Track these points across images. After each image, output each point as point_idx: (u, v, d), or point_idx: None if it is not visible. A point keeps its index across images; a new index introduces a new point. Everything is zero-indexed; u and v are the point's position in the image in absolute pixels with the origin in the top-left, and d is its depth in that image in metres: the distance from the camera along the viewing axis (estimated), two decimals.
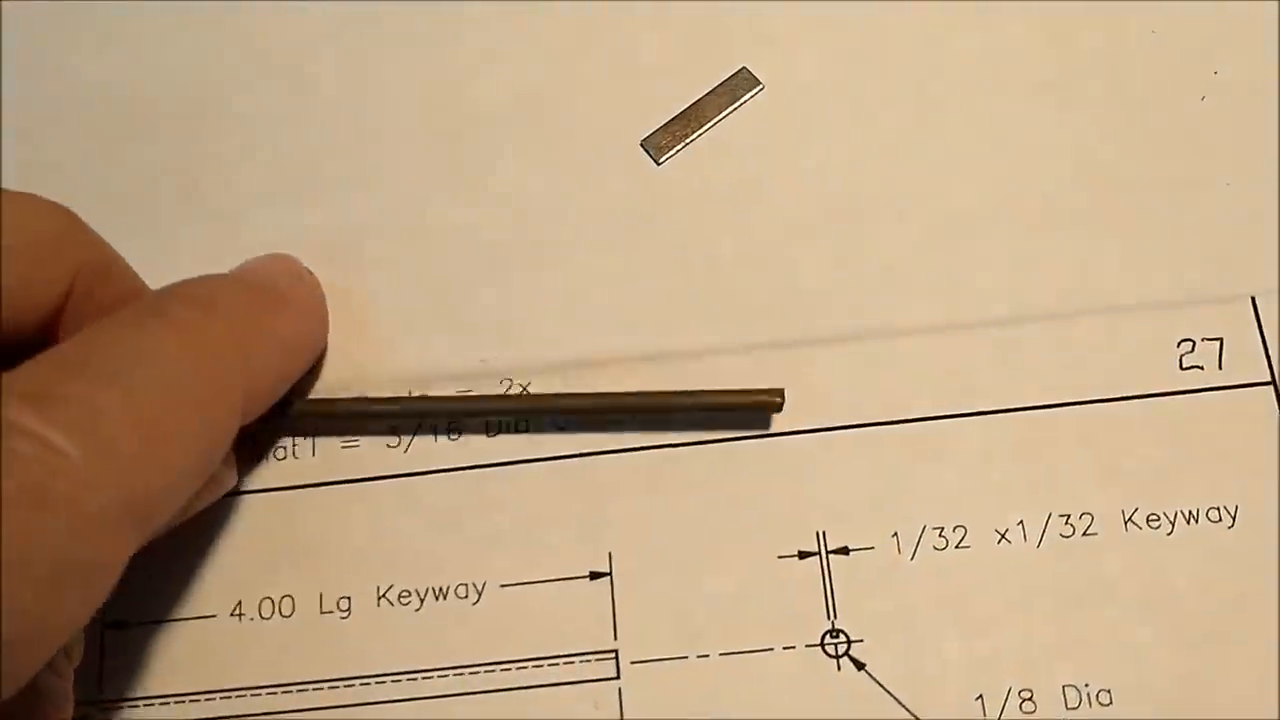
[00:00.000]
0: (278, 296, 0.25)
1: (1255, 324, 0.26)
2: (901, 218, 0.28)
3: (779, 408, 0.26)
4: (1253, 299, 0.26)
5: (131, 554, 0.20)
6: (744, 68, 0.29)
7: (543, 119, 0.29)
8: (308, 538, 0.26)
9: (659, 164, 0.28)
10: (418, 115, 0.30)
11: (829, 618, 0.25)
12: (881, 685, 0.24)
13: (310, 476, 0.27)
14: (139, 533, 0.20)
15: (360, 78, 0.30)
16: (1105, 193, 0.27)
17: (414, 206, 0.29)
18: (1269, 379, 0.26)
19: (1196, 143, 0.28)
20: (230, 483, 0.26)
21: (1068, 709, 0.24)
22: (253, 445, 0.27)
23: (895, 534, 0.25)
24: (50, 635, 0.19)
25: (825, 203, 0.28)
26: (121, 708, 0.25)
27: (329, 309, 0.27)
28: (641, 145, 0.29)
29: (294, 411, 0.26)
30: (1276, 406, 0.26)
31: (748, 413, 0.26)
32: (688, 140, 0.28)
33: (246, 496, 0.27)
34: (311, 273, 0.27)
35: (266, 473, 0.27)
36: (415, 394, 0.27)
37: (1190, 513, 0.25)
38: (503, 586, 0.26)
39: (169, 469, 0.20)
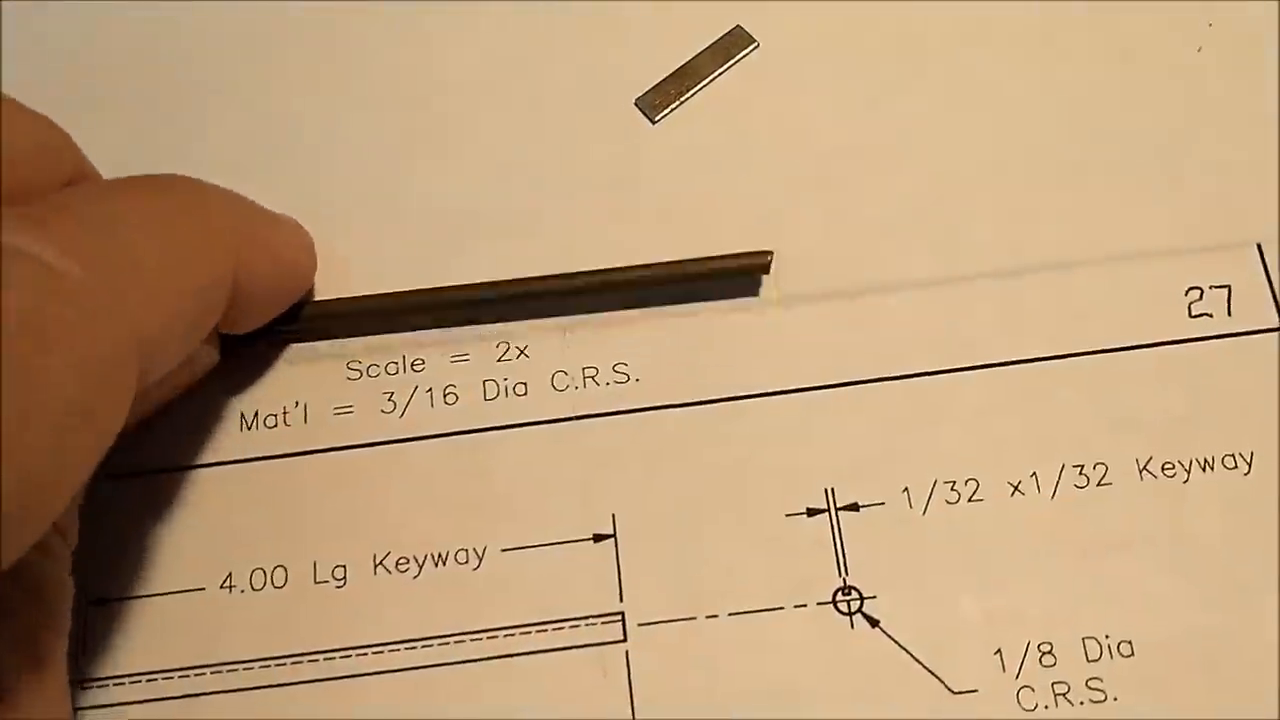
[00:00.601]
0: (269, 215, 0.25)
1: (1262, 270, 0.26)
2: (898, 172, 0.27)
3: (766, 269, 0.26)
4: (1258, 245, 0.26)
5: (131, 400, 0.19)
6: (738, 25, 0.29)
7: (533, 80, 0.29)
8: (300, 506, 0.25)
9: (654, 123, 0.28)
10: (395, 83, 0.29)
11: (840, 575, 0.24)
12: (896, 642, 0.24)
13: (302, 444, 0.26)
14: (141, 374, 0.19)
15: (331, 44, 0.30)
16: (1104, 142, 0.27)
17: (395, 176, 0.28)
18: (1278, 325, 0.25)
19: (1195, 92, 0.28)
20: (212, 362, 0.26)
21: (1089, 661, 0.23)
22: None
23: (906, 489, 0.25)
24: (56, 490, 0.18)
25: (821, 159, 0.27)
26: (108, 685, 0.24)
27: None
28: (636, 104, 0.28)
29: (305, 314, 0.26)
30: None
31: (736, 278, 0.26)
32: (683, 98, 0.28)
33: (235, 465, 0.26)
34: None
35: (256, 440, 0.26)
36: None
37: (1206, 460, 0.25)
38: (504, 551, 0.25)
39: (168, 311, 0.20)
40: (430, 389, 0.26)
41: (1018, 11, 0.28)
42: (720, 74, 0.28)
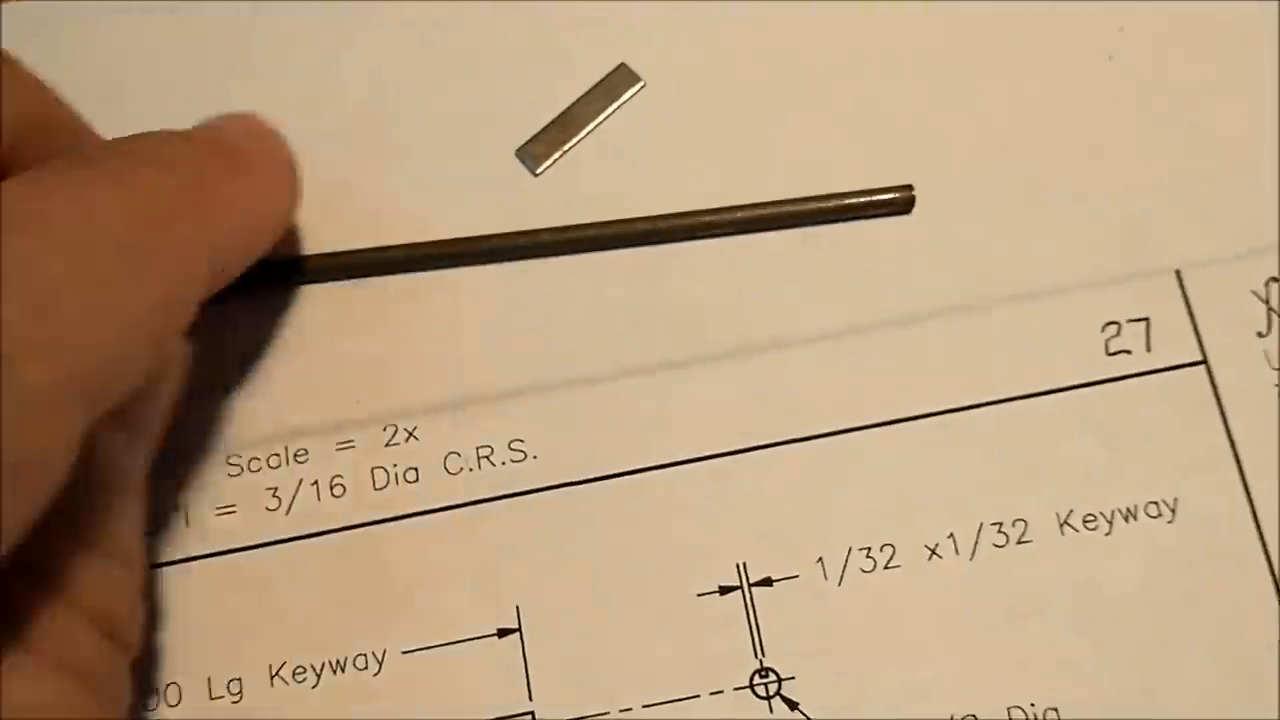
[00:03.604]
0: (240, 159, 0.22)
1: (1182, 299, 0.25)
2: None
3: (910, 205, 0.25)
4: (1177, 272, 0.25)
5: (81, 440, 0.18)
6: (622, 64, 0.27)
7: (404, 133, 0.27)
8: (186, 618, 0.24)
9: (536, 175, 0.26)
10: None
11: (757, 656, 0.23)
12: None
13: (183, 550, 0.25)
14: (88, 413, 0.18)
15: (184, 96, 0.27)
16: (1008, 169, 0.26)
17: None
18: (1200, 358, 0.24)
19: (1105, 107, 0.26)
20: (185, 357, 0.23)
21: None
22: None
23: (820, 559, 0.24)
24: None
25: (711, 204, 0.26)
26: None
27: None
28: (516, 155, 0.26)
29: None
30: (1210, 387, 0.24)
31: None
32: (567, 147, 0.26)
33: None
34: (278, 133, 0.24)
35: None
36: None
37: (1128, 509, 0.24)
38: (405, 653, 0.24)
39: (119, 339, 0.18)
40: (316, 481, 0.25)
41: (915, 33, 0.27)
42: (606, 117, 0.26)
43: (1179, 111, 0.26)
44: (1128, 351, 0.24)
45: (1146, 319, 0.25)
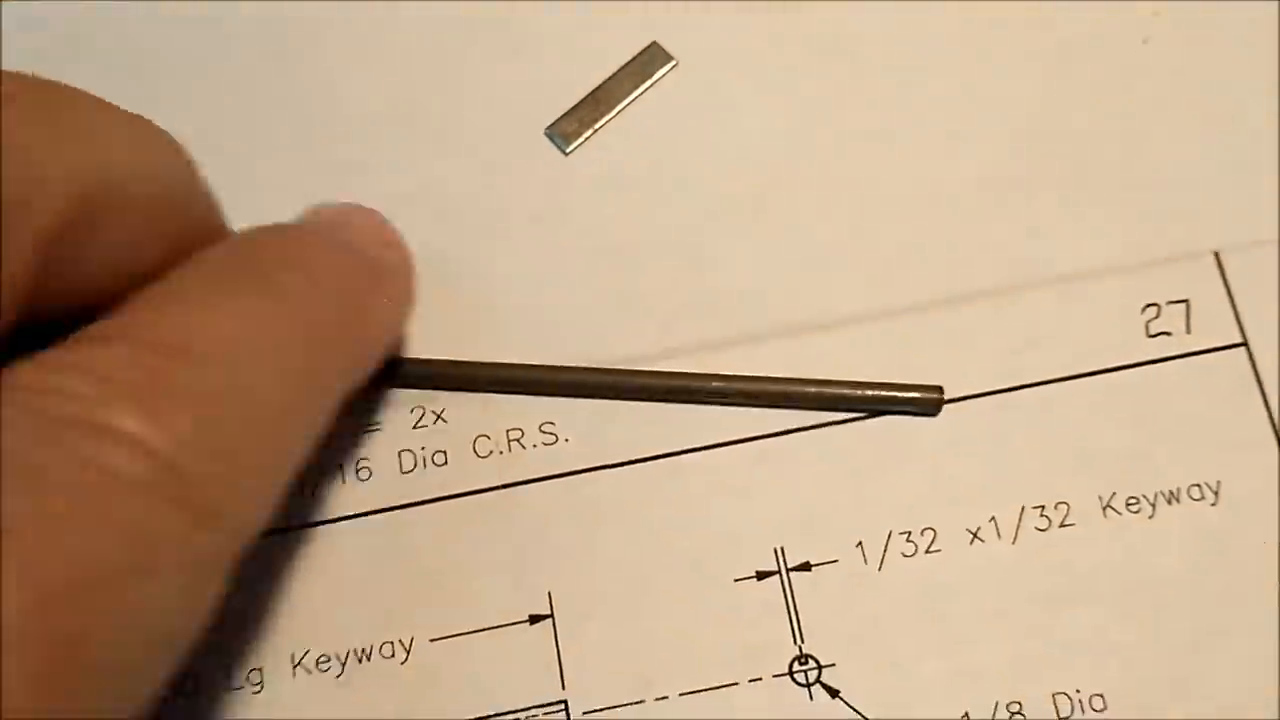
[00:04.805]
0: (381, 272, 0.21)
1: (1221, 281, 0.24)
2: (831, 198, 0.25)
3: (939, 405, 0.24)
4: (1216, 254, 0.25)
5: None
6: (654, 42, 0.26)
7: (431, 114, 0.26)
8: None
9: (567, 153, 0.26)
10: (285, 121, 0.27)
11: (796, 642, 0.23)
12: (858, 712, 0.22)
13: None
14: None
15: (217, 74, 0.27)
16: (1046, 153, 0.25)
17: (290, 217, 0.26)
18: (1240, 340, 0.24)
19: (1141, 90, 0.26)
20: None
21: (1060, 717, 0.22)
22: None
23: (860, 543, 0.23)
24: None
25: (750, 186, 0.25)
26: None
27: None
28: (546, 134, 0.26)
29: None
30: (1250, 368, 0.24)
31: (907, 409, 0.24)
32: (597, 125, 0.26)
33: None
34: (401, 238, 0.23)
35: None
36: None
37: (1171, 492, 0.23)
38: (432, 641, 0.23)
39: (279, 477, 0.17)
40: (340, 464, 0.24)
41: (952, 18, 0.26)
42: (637, 96, 0.26)
43: (1217, 93, 0.25)
44: (1168, 333, 0.24)
45: (1186, 301, 0.24)
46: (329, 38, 0.27)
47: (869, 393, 0.24)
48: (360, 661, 0.23)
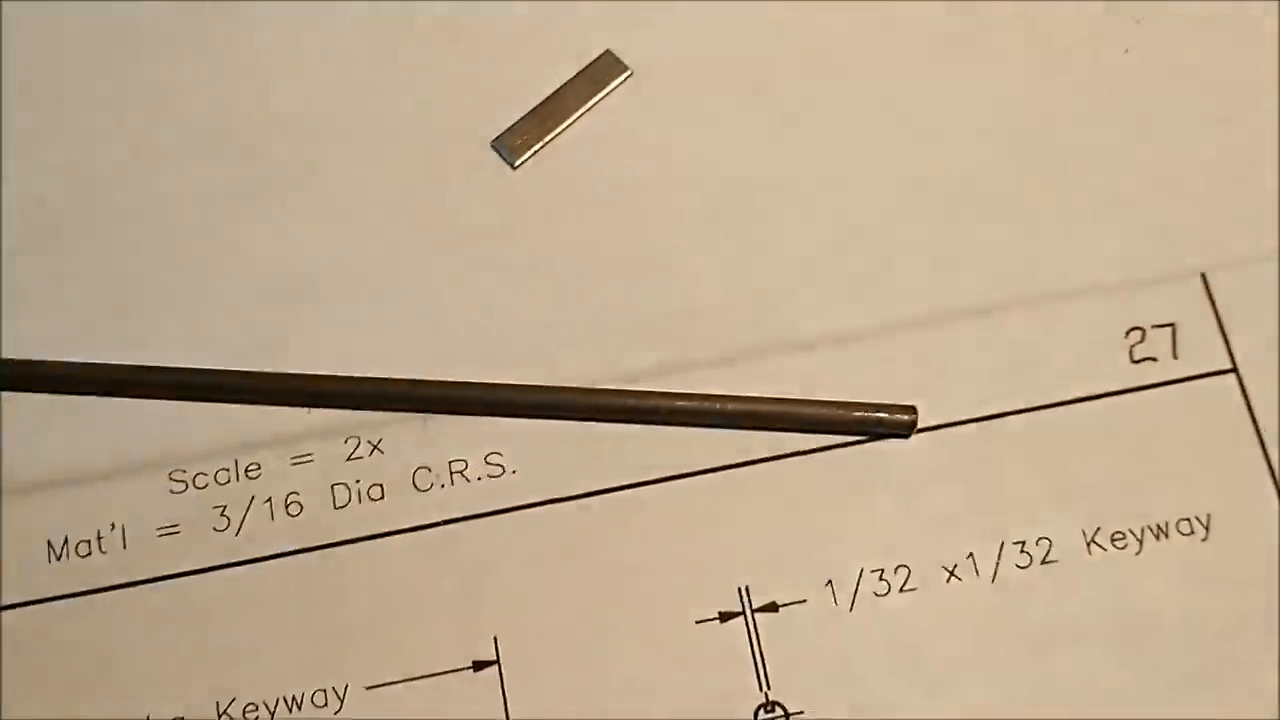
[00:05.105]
0: None
1: (1209, 304, 0.23)
2: (800, 212, 0.24)
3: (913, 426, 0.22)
4: (1203, 275, 0.23)
5: None
6: (607, 51, 0.25)
7: (371, 124, 0.25)
8: (124, 650, 0.22)
9: (514, 167, 0.24)
10: (219, 125, 0.25)
11: (761, 689, 0.21)
12: None
13: (122, 574, 0.22)
14: None
15: (146, 89, 0.26)
16: (1027, 167, 0.24)
17: (224, 231, 0.24)
18: (1230, 365, 0.23)
19: (1123, 102, 0.25)
20: None
21: None
22: None
23: (829, 582, 0.22)
24: None
25: (710, 202, 0.24)
26: None
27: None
28: (493, 146, 0.24)
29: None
30: (1241, 395, 0.23)
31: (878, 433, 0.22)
32: (547, 138, 0.24)
33: (43, 606, 0.22)
34: None
35: (67, 573, 0.22)
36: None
37: (1159, 526, 0.22)
38: (368, 689, 0.21)
39: None
40: (269, 499, 0.23)
41: (928, 20, 0.25)
42: (589, 108, 0.25)
43: (1202, 107, 0.24)
44: (1153, 359, 0.23)
45: (1172, 324, 0.23)
46: (262, 42, 0.26)
47: (838, 413, 0.22)
48: (290, 710, 0.21)
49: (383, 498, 0.22)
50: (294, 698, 0.21)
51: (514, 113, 0.25)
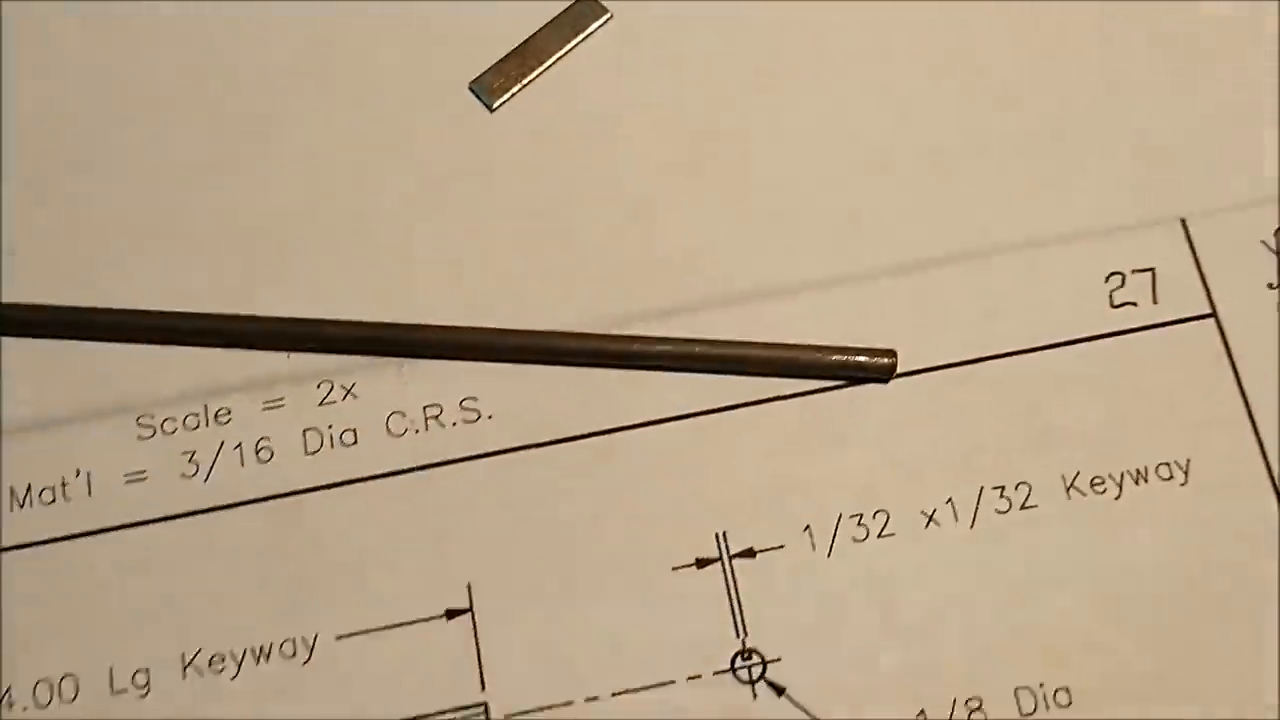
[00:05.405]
0: None
1: (1188, 249, 0.23)
2: (779, 158, 0.24)
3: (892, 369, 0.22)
4: (1182, 220, 0.23)
5: None
6: None
7: (347, 66, 0.24)
8: (89, 600, 0.21)
9: (492, 110, 0.24)
10: (196, 73, 0.25)
11: (739, 636, 0.21)
12: (806, 711, 0.20)
13: (87, 522, 0.22)
14: None
15: (115, 35, 0.25)
16: (1007, 113, 0.24)
17: (201, 179, 0.24)
18: (1209, 310, 0.23)
19: (1102, 48, 0.24)
20: None
21: (1023, 715, 0.20)
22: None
23: (808, 527, 0.22)
24: None
25: (690, 147, 0.24)
26: None
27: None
28: (470, 88, 0.24)
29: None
30: (1220, 340, 0.22)
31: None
32: (525, 80, 0.24)
33: (6, 554, 0.22)
34: None
35: (31, 521, 0.22)
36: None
37: (1138, 471, 0.22)
38: (338, 639, 0.21)
39: None
40: (239, 444, 0.22)
41: None
42: (569, 51, 0.24)
43: (1185, 52, 0.24)
44: (1133, 303, 0.23)
45: (1152, 269, 0.23)
46: None
47: (816, 356, 0.22)
48: (258, 662, 0.21)
49: (356, 443, 0.22)
50: (261, 648, 0.21)
51: (492, 55, 0.24)
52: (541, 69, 0.24)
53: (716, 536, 0.22)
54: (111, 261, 0.23)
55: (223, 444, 0.22)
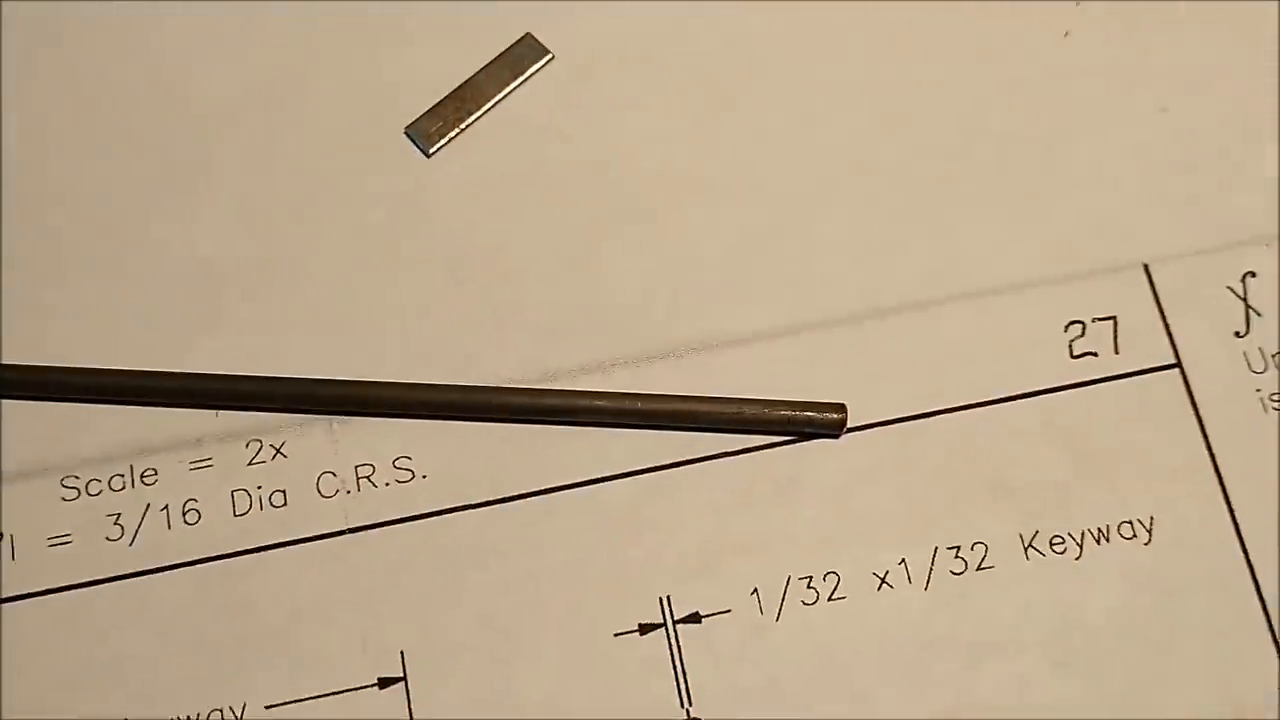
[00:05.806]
0: None
1: (1152, 296, 0.22)
2: (725, 205, 0.23)
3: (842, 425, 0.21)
4: (1145, 266, 0.22)
5: None
6: (528, 34, 0.24)
7: (279, 110, 0.24)
8: (10, 667, 0.21)
9: (429, 155, 0.23)
10: (123, 114, 0.24)
11: (683, 705, 0.20)
12: None
13: (7, 587, 0.21)
14: None
15: (46, 79, 0.24)
16: (963, 157, 0.23)
17: (127, 223, 0.23)
18: (1174, 360, 0.22)
19: (1062, 88, 0.24)
20: None
21: None
22: None
23: (755, 590, 0.21)
24: None
25: (632, 193, 0.23)
26: None
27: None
28: (406, 133, 0.23)
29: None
30: (1185, 391, 0.22)
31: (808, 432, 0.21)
32: (464, 124, 0.23)
33: None
34: None
35: None
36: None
37: (1100, 530, 0.21)
38: (268, 708, 0.20)
39: None
40: (166, 506, 0.22)
41: (857, 9, 0.24)
42: (508, 93, 0.23)
43: (1143, 93, 0.23)
44: (1094, 353, 0.22)
45: (1114, 318, 0.22)
46: (169, 25, 0.24)
47: (763, 410, 0.21)
48: None
49: (285, 504, 0.21)
50: (189, 718, 0.20)
51: (429, 98, 0.24)
52: (480, 112, 0.23)
53: (660, 601, 0.21)
54: (31, 314, 0.23)
55: (149, 506, 0.21)
